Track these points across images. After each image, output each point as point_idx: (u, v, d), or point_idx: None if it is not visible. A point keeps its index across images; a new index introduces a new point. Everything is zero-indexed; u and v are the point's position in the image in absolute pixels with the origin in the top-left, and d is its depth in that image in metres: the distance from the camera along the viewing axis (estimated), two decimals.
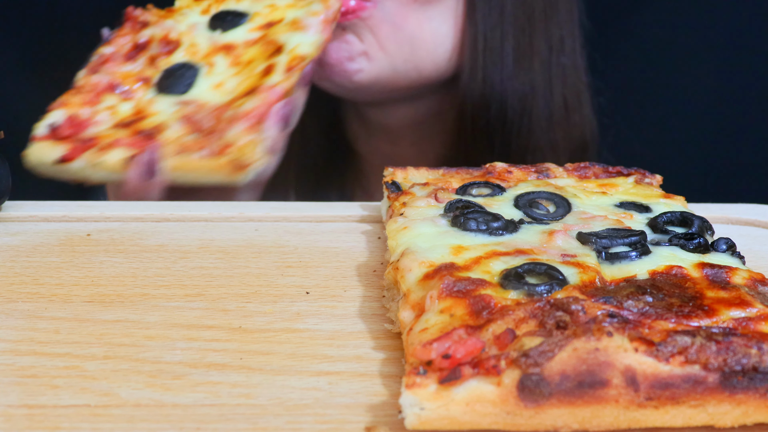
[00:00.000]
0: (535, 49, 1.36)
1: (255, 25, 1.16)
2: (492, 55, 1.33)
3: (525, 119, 1.36)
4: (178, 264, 0.83)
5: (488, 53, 1.33)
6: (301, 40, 1.12)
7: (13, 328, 0.71)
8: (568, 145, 1.40)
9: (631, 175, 0.90)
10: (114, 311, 0.74)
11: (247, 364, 0.67)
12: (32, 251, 0.85)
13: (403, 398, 0.57)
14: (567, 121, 1.40)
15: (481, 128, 1.36)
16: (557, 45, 1.38)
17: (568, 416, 0.58)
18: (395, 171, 0.92)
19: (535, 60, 1.36)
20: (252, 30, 1.16)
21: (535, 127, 1.37)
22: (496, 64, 1.33)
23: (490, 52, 1.33)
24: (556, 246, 0.74)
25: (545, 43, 1.36)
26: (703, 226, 0.79)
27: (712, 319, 0.63)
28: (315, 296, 0.77)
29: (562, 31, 1.38)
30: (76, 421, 0.60)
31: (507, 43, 1.33)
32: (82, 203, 0.96)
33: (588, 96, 1.44)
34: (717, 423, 0.59)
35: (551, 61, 1.37)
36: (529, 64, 1.35)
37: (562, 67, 1.39)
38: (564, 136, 1.40)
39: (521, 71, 1.35)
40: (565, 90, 1.39)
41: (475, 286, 0.66)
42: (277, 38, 1.13)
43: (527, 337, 0.60)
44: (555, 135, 1.39)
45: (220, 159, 1.03)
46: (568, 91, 1.40)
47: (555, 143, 1.39)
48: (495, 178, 0.89)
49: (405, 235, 0.76)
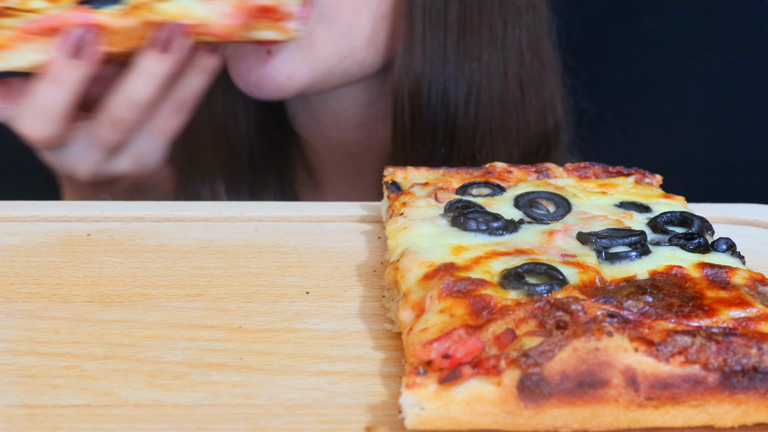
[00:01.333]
0: (485, 21, 1.20)
1: None
2: (432, 27, 1.17)
3: (472, 101, 1.21)
4: (178, 264, 0.83)
5: (428, 25, 1.17)
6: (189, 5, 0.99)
7: (13, 328, 0.71)
8: (523, 133, 1.27)
9: (631, 175, 0.90)
10: (114, 311, 0.74)
11: (247, 364, 0.67)
12: (32, 251, 0.85)
13: (403, 398, 0.57)
14: (521, 104, 1.25)
15: (421, 106, 1.21)
16: (513, 19, 1.22)
17: (568, 416, 0.58)
18: (395, 171, 0.92)
19: (485, 34, 1.21)
20: None
21: (482, 111, 1.22)
22: (437, 35, 1.18)
23: (431, 24, 1.17)
24: (556, 246, 0.74)
25: (498, 16, 1.21)
26: (703, 226, 0.79)
27: (712, 319, 0.63)
28: (315, 296, 0.77)
29: (519, 3, 1.23)
30: (76, 421, 0.60)
31: (450, 12, 1.18)
32: (82, 203, 0.96)
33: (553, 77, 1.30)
34: (717, 423, 0.59)
35: (505, 36, 1.22)
36: (478, 37, 1.20)
37: (518, 43, 1.23)
38: (518, 121, 1.26)
39: (468, 47, 1.20)
40: (521, 70, 1.24)
41: (475, 286, 0.66)
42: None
43: (527, 337, 0.60)
44: (507, 120, 1.24)
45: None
46: (523, 71, 1.25)
47: (507, 129, 1.25)
48: (495, 178, 0.89)
49: (405, 235, 0.76)
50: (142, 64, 1.01)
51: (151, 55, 1.00)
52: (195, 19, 0.99)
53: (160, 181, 1.19)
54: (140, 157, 1.11)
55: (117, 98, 1.03)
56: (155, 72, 1.01)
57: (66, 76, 0.98)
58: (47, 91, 0.99)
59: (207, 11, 0.99)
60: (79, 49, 0.96)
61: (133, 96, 1.02)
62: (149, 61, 1.00)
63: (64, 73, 0.98)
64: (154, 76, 1.01)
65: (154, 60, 1.00)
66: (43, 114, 1.01)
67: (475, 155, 1.26)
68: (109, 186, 1.13)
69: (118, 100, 1.03)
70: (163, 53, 0.99)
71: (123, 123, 1.04)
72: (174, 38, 0.98)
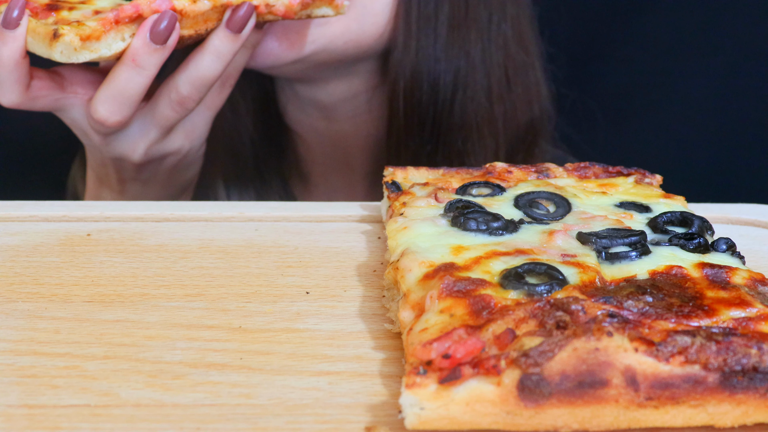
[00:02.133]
0: (472, 16, 1.25)
1: None
2: (426, 23, 1.23)
3: (459, 93, 1.26)
4: (178, 264, 0.83)
5: (422, 21, 1.23)
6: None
7: (13, 328, 0.71)
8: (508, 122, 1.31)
9: (631, 175, 0.90)
10: (114, 311, 0.74)
11: (247, 364, 0.67)
12: (32, 251, 0.85)
13: (403, 398, 0.58)
14: (508, 95, 1.30)
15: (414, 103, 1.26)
16: (498, 12, 1.28)
17: (568, 416, 0.58)
18: (395, 171, 0.92)
19: (472, 28, 1.26)
20: None
21: (470, 102, 1.27)
22: (429, 33, 1.24)
23: (425, 20, 1.23)
24: (556, 246, 0.74)
25: (484, 9, 1.26)
26: (703, 226, 0.79)
27: (712, 319, 0.63)
28: (315, 296, 0.77)
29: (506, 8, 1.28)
30: (76, 421, 0.60)
31: (442, 10, 1.24)
32: (82, 203, 0.96)
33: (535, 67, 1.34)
34: (717, 423, 0.59)
35: (491, 30, 1.27)
36: (466, 33, 1.25)
37: (503, 36, 1.28)
38: (505, 111, 1.30)
39: (457, 41, 1.25)
40: (506, 61, 1.29)
41: (475, 286, 0.66)
42: None
43: (527, 337, 0.60)
44: (494, 110, 1.28)
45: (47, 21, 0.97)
46: (509, 62, 1.29)
47: (493, 119, 1.29)
48: (495, 178, 0.89)
49: (405, 235, 0.76)
50: (213, 44, 1.04)
51: (222, 35, 1.03)
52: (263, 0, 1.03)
53: (198, 158, 1.22)
54: (191, 132, 1.15)
55: (184, 78, 1.06)
56: (226, 51, 1.04)
57: (148, 62, 1.00)
58: (128, 76, 1.01)
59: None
60: (161, 35, 0.99)
61: (202, 75, 1.05)
62: (221, 41, 1.03)
63: (147, 59, 1.00)
64: (223, 55, 1.04)
65: (225, 40, 1.03)
66: (123, 99, 1.03)
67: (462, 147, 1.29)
68: (157, 165, 1.15)
69: (185, 79, 1.06)
70: (235, 34, 1.03)
71: (188, 102, 1.07)
72: (246, 19, 1.02)
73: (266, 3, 1.04)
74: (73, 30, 0.94)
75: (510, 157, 1.31)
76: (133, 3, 0.99)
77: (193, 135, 1.15)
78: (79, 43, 0.94)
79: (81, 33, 0.94)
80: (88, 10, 1.00)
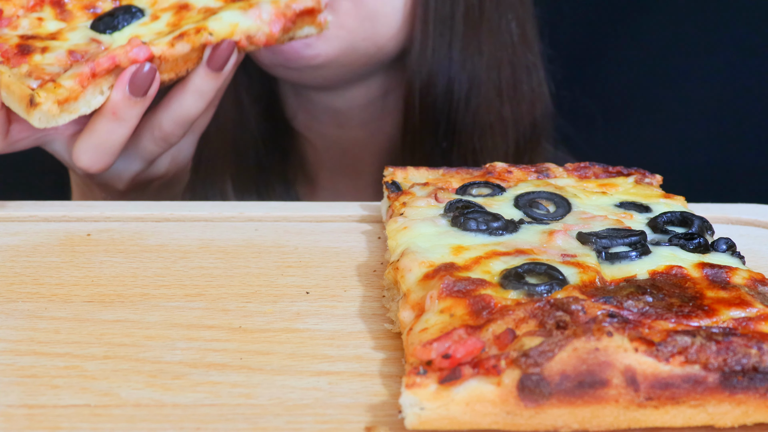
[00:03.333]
0: (486, 15, 1.27)
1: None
2: (442, 26, 1.25)
3: (473, 94, 1.28)
4: (178, 264, 0.83)
5: (438, 24, 1.25)
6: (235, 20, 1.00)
7: (13, 328, 0.71)
8: (516, 121, 1.33)
9: (631, 175, 0.90)
10: (114, 311, 0.74)
11: (247, 364, 0.67)
12: (32, 251, 0.85)
13: (403, 398, 0.58)
14: (515, 94, 1.32)
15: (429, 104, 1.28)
16: (505, 14, 1.30)
17: (568, 416, 0.58)
18: (395, 171, 0.92)
19: (485, 28, 1.28)
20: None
21: (483, 102, 1.29)
22: (445, 35, 1.25)
23: (441, 23, 1.25)
24: (556, 246, 0.74)
25: (496, 10, 1.28)
26: (703, 226, 0.79)
27: (712, 319, 0.63)
28: (315, 296, 0.77)
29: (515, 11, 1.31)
30: (76, 421, 0.60)
31: (457, 13, 1.25)
32: (82, 203, 0.96)
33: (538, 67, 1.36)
34: (717, 423, 0.59)
35: (501, 29, 1.29)
36: (480, 32, 1.27)
37: (510, 37, 1.31)
38: (512, 110, 1.32)
39: (471, 43, 1.27)
40: (514, 60, 1.31)
41: (475, 286, 0.66)
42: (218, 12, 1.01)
43: (527, 337, 0.60)
44: (503, 110, 1.31)
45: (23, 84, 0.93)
46: (517, 62, 1.32)
47: (503, 119, 1.31)
48: (495, 178, 0.89)
49: (405, 235, 0.76)
50: (195, 84, 1.02)
51: (203, 73, 1.01)
52: (242, 33, 1.01)
53: (185, 174, 1.21)
54: (176, 157, 1.13)
55: (166, 115, 1.04)
56: (208, 90, 1.02)
57: (128, 114, 0.98)
58: (109, 128, 0.99)
59: (252, 22, 1.01)
60: (141, 87, 0.97)
61: (185, 113, 1.04)
62: (202, 80, 1.01)
63: (127, 112, 0.98)
64: (206, 93, 1.03)
65: (207, 78, 1.01)
66: (104, 149, 1.01)
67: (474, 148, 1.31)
68: (143, 188, 1.14)
69: (167, 117, 1.04)
70: (217, 72, 1.01)
71: (171, 137, 1.06)
72: (227, 57, 1.00)
73: (247, 36, 1.01)
74: (50, 97, 0.91)
75: (517, 158, 1.33)
76: (109, 54, 0.96)
77: (179, 158, 1.14)
78: (57, 109, 0.92)
79: (58, 98, 0.92)
80: (62, 51, 0.97)
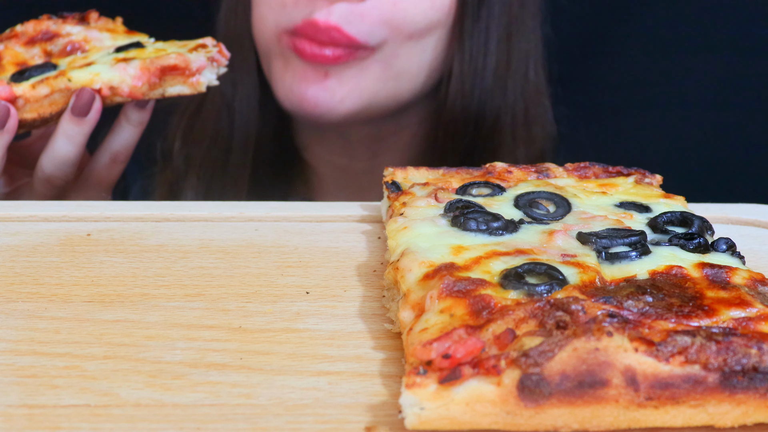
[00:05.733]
0: (510, 63, 1.35)
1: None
2: (475, 73, 1.32)
3: (496, 134, 1.35)
4: (178, 264, 0.83)
5: (471, 72, 1.32)
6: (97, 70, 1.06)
7: (13, 328, 0.71)
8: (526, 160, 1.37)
9: (631, 175, 0.90)
10: (114, 311, 0.74)
11: (247, 364, 0.67)
12: (32, 251, 0.85)
13: (403, 398, 0.58)
14: (528, 134, 1.39)
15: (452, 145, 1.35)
16: (524, 58, 1.37)
17: (568, 416, 0.58)
18: (395, 171, 0.92)
19: (509, 74, 1.35)
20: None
21: (502, 142, 1.36)
22: (477, 82, 1.32)
23: (473, 71, 1.32)
24: (556, 246, 0.74)
25: (517, 56, 1.36)
26: (703, 226, 0.79)
27: (712, 319, 0.63)
28: (315, 296, 0.77)
29: (529, 45, 1.38)
30: (76, 421, 0.60)
31: (489, 61, 1.33)
32: (82, 203, 0.96)
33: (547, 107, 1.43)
34: (717, 423, 0.59)
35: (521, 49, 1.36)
36: (504, 79, 1.35)
37: (527, 79, 1.38)
38: (525, 148, 1.39)
39: (497, 87, 1.34)
40: (528, 102, 1.38)
41: (475, 286, 0.66)
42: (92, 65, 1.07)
43: (527, 337, 0.60)
44: (517, 148, 1.38)
45: None
46: (531, 104, 1.39)
47: (516, 158, 1.36)
48: (495, 178, 0.89)
49: (405, 235, 0.76)
50: (63, 127, 1.08)
51: (69, 118, 1.06)
52: (102, 83, 1.05)
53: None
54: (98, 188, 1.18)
55: (45, 158, 1.10)
56: (75, 134, 1.08)
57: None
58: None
59: (115, 74, 1.05)
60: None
61: (59, 156, 1.09)
62: (68, 125, 1.07)
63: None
64: (74, 137, 1.08)
65: (72, 123, 1.07)
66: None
67: None
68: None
69: (46, 159, 1.10)
70: (80, 117, 1.06)
71: (55, 180, 1.11)
72: (88, 104, 1.05)
73: (110, 86, 1.05)
74: None
75: None
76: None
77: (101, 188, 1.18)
78: None
79: None
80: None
